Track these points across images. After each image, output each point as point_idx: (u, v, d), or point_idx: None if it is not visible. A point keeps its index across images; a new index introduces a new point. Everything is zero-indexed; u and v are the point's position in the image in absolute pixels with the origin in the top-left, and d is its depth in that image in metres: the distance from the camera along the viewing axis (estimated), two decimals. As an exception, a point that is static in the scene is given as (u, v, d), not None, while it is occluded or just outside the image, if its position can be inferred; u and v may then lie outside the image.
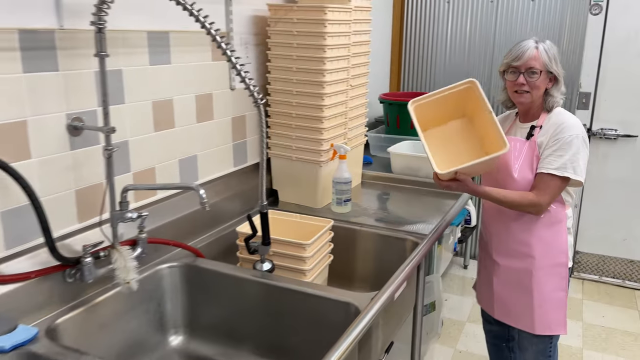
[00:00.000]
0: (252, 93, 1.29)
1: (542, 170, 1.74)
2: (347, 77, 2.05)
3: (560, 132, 1.73)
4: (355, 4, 2.02)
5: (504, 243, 1.88)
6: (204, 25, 1.22)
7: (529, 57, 1.74)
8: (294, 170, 2.04)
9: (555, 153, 1.72)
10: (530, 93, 1.76)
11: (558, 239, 1.82)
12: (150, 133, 1.55)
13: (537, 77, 1.74)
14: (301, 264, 1.59)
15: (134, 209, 1.52)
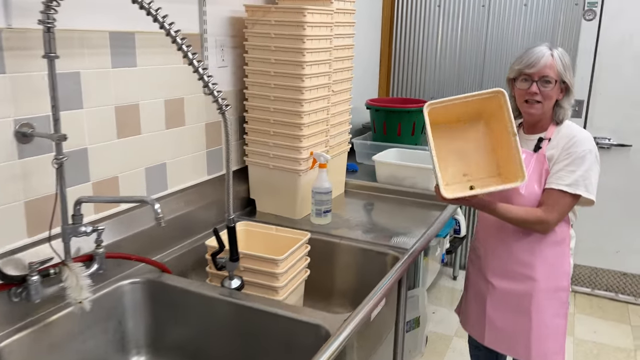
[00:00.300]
0: (215, 99, 1.20)
1: (552, 185, 1.62)
2: (328, 83, 1.96)
3: (572, 146, 1.62)
4: (337, 6, 1.94)
5: (503, 263, 1.75)
6: (162, 25, 1.13)
7: (544, 64, 1.62)
8: (272, 179, 1.95)
9: (567, 168, 1.61)
10: (542, 104, 1.64)
11: (561, 261, 1.71)
12: (113, 140, 1.46)
13: (551, 87, 1.63)
14: (273, 280, 1.50)
15: (94, 220, 1.43)
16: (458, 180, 1.63)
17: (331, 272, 1.83)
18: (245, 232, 1.72)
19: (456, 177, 1.63)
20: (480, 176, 1.63)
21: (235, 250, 1.40)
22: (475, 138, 1.65)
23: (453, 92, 3.35)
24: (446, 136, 1.62)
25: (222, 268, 1.44)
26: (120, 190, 1.51)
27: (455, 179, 1.63)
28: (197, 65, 1.16)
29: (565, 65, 1.64)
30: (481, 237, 1.86)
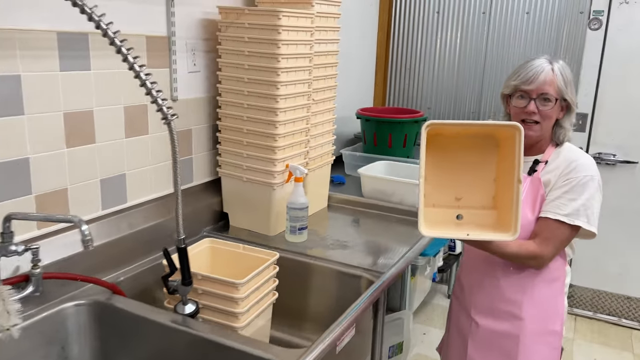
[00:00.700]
0: (160, 108, 1.08)
1: (549, 215, 1.45)
2: (308, 91, 1.84)
3: (573, 172, 1.45)
4: (319, 10, 1.82)
5: (489, 300, 1.58)
6: (98, 25, 1.01)
7: (544, 81, 1.44)
8: (246, 193, 1.83)
9: (565, 196, 1.44)
10: (540, 124, 1.47)
11: (554, 302, 1.54)
12: (61, 149, 1.34)
13: (551, 106, 1.45)
14: (233, 306, 1.37)
15: (43, 235, 1.32)
16: (448, 204, 1.42)
17: (304, 295, 1.70)
18: (210, 250, 1.60)
19: (447, 199, 1.42)
20: (472, 205, 1.40)
21: (187, 274, 1.28)
22: (478, 160, 1.42)
23: (451, 102, 3.22)
24: (447, 148, 1.41)
25: (174, 292, 1.32)
26: (70, 204, 1.40)
27: (445, 202, 1.42)
28: (138, 69, 1.04)
29: (566, 81, 1.47)
30: (466, 269, 1.68)
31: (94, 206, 1.47)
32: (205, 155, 1.86)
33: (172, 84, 1.65)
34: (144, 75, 1.05)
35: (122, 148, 1.52)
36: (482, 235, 1.32)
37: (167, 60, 1.62)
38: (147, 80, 1.05)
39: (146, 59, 1.55)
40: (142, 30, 1.52)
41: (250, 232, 1.86)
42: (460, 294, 1.68)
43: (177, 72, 1.66)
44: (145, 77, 1.05)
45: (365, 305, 1.42)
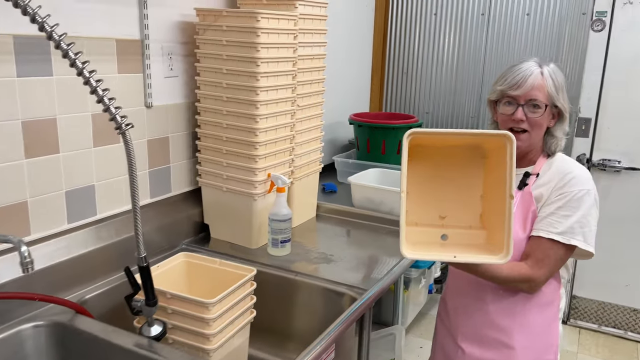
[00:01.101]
0: (113, 116, 0.99)
1: (541, 233, 1.32)
2: (292, 96, 1.75)
3: (567, 185, 1.33)
4: (303, 11, 1.73)
5: (476, 326, 1.45)
6: (42, 27, 0.93)
7: (532, 85, 1.33)
8: (226, 203, 1.74)
9: (559, 212, 1.32)
10: (529, 133, 1.36)
11: (548, 329, 1.41)
12: (19, 160, 1.26)
13: (541, 113, 1.34)
14: (204, 327, 1.28)
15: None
16: (431, 222, 1.30)
17: (286, 312, 1.61)
18: (185, 265, 1.51)
19: (430, 217, 1.30)
20: (458, 224, 1.29)
21: (151, 294, 1.19)
22: (464, 174, 1.30)
23: (450, 107, 3.12)
24: (431, 160, 1.29)
25: (138, 313, 1.23)
26: (30, 217, 1.31)
27: (428, 220, 1.30)
28: (87, 75, 0.96)
29: (557, 86, 1.35)
30: (451, 291, 1.55)
31: (59, 219, 1.38)
32: (184, 164, 1.77)
33: (146, 89, 1.57)
34: (95, 81, 0.96)
35: (90, 158, 1.44)
36: (470, 258, 1.19)
37: (140, 65, 1.54)
38: (97, 87, 0.96)
39: (116, 63, 1.47)
40: (111, 33, 1.44)
41: (232, 244, 1.78)
42: (446, 318, 1.56)
43: (152, 77, 1.58)
44: (96, 83, 0.96)
45: (346, 325, 1.34)
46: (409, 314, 2.33)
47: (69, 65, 0.97)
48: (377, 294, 1.46)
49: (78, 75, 0.97)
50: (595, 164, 2.82)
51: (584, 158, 2.82)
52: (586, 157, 2.82)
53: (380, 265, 1.65)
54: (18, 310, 1.26)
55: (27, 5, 0.91)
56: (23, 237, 1.30)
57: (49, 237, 1.36)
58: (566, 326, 3.03)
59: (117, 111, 0.99)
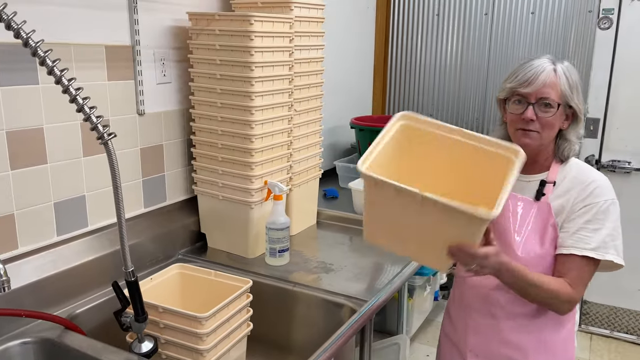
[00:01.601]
0: (94, 126, 0.95)
1: (573, 251, 1.22)
2: (288, 101, 1.70)
3: (591, 196, 1.24)
4: (299, 14, 1.68)
5: (486, 343, 1.36)
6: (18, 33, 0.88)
7: (544, 82, 1.23)
8: (222, 212, 1.69)
9: (588, 226, 1.22)
10: (539, 133, 1.26)
11: (565, 347, 1.32)
12: (4, 171, 1.22)
13: (553, 113, 1.24)
14: (197, 342, 1.23)
15: None
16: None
17: (284, 324, 1.56)
18: (180, 277, 1.47)
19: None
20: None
21: (140, 309, 1.15)
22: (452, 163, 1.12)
23: (454, 108, 3.06)
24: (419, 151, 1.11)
25: (128, 329, 1.18)
26: (17, 230, 1.27)
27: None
28: (66, 84, 0.92)
29: (572, 85, 1.25)
30: (459, 305, 1.45)
31: (48, 232, 1.34)
32: (179, 172, 1.73)
33: (138, 96, 1.53)
34: (74, 89, 0.92)
35: (80, 168, 1.40)
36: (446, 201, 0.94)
37: (131, 72, 1.50)
38: (77, 95, 0.92)
39: (106, 70, 1.43)
40: (100, 39, 1.40)
41: (229, 254, 1.73)
42: (453, 333, 1.47)
43: (144, 83, 1.54)
44: (75, 91, 0.92)
45: (346, 338, 1.29)
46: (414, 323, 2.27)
47: (47, 73, 0.92)
48: (377, 305, 1.41)
49: (56, 83, 0.93)
50: (605, 165, 2.74)
51: (592, 159, 2.74)
52: (595, 158, 2.75)
53: (382, 274, 1.59)
54: (5, 327, 1.22)
55: (1, 11, 0.87)
56: (10, 251, 1.27)
57: (38, 250, 1.32)
58: (577, 332, 2.94)
59: (99, 120, 0.95)
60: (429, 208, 0.96)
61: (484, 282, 1.33)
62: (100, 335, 1.33)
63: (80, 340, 1.22)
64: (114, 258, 1.47)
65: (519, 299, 1.26)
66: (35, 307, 1.27)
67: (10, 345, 1.20)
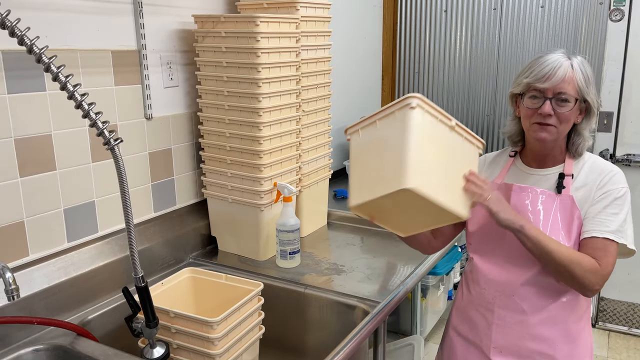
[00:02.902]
0: (100, 131, 0.94)
1: (595, 234, 1.23)
2: (296, 102, 1.69)
3: (610, 183, 1.26)
4: (305, 14, 1.67)
5: (514, 339, 1.32)
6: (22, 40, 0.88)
7: (562, 78, 1.22)
8: (232, 215, 1.69)
9: (607, 210, 1.24)
10: (557, 128, 1.25)
11: (584, 335, 1.33)
12: (14, 179, 1.22)
13: (570, 107, 1.23)
14: (209, 346, 1.23)
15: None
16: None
17: (296, 327, 1.54)
18: (191, 281, 1.47)
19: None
20: None
21: (151, 315, 1.14)
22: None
23: (464, 105, 3.03)
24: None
25: (139, 334, 1.18)
26: (28, 237, 1.27)
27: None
28: (71, 89, 0.91)
29: (587, 79, 1.25)
30: (478, 302, 1.38)
31: (58, 238, 1.34)
32: (189, 176, 1.73)
33: (146, 100, 1.53)
34: (79, 95, 0.91)
35: (89, 173, 1.40)
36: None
37: (138, 76, 1.50)
38: (83, 101, 0.91)
39: (113, 75, 1.42)
40: (106, 44, 1.40)
41: (240, 257, 1.72)
42: (468, 331, 1.42)
43: (151, 87, 1.54)
44: (80, 97, 0.91)
45: (359, 340, 1.27)
46: (428, 323, 2.25)
47: (52, 79, 0.92)
48: (391, 306, 1.39)
49: (62, 89, 0.92)
50: (620, 159, 2.70)
51: (607, 154, 2.70)
52: (609, 152, 2.71)
53: (394, 275, 1.58)
54: (17, 334, 1.22)
55: (5, 18, 0.87)
56: (21, 258, 1.27)
57: (49, 257, 1.32)
58: (595, 329, 2.90)
59: (105, 125, 0.94)
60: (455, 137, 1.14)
61: (511, 279, 1.31)
62: (113, 341, 1.33)
63: (92, 346, 1.22)
64: (125, 263, 1.47)
65: (547, 291, 1.27)
66: (47, 314, 1.27)
67: (22, 353, 1.20)
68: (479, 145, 1.22)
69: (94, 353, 1.19)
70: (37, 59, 0.90)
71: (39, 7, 1.23)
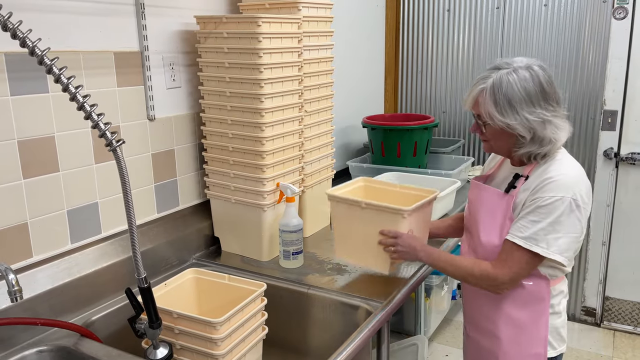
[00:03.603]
0: (102, 133, 0.94)
1: (507, 237, 1.28)
2: (298, 102, 1.69)
3: (540, 191, 1.25)
4: (307, 14, 1.67)
5: (472, 312, 1.49)
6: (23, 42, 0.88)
7: (471, 102, 1.30)
8: (235, 215, 1.69)
9: (527, 217, 1.26)
10: (489, 143, 1.34)
11: (535, 324, 1.35)
12: (17, 180, 1.23)
13: (488, 129, 1.29)
14: (212, 347, 1.23)
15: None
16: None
17: (300, 328, 1.54)
18: (194, 282, 1.46)
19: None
20: None
21: (154, 316, 1.14)
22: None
23: (467, 105, 3.02)
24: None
25: (142, 335, 1.18)
26: (31, 239, 1.28)
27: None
28: (73, 91, 0.91)
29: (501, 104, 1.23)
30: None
31: (61, 240, 1.35)
32: (191, 177, 1.73)
33: (148, 102, 1.53)
34: (82, 97, 0.92)
35: (92, 175, 1.40)
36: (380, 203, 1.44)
37: (140, 77, 1.50)
38: (85, 103, 0.92)
39: (115, 76, 1.43)
40: (109, 46, 1.40)
41: (243, 257, 1.72)
42: (463, 305, 1.59)
43: (153, 89, 1.54)
44: (82, 99, 0.92)
45: (362, 340, 1.27)
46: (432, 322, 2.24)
47: (54, 81, 0.92)
48: (393, 306, 1.39)
49: (63, 91, 0.92)
50: (624, 158, 2.69)
51: (611, 152, 2.69)
52: (614, 151, 2.69)
53: (397, 275, 1.57)
54: (21, 336, 1.22)
55: (7, 20, 0.87)
56: (25, 259, 1.27)
57: (52, 259, 1.32)
58: (600, 329, 2.89)
59: (107, 127, 0.94)
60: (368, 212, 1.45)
61: None
62: (116, 342, 1.33)
63: (96, 347, 1.23)
64: (129, 264, 1.47)
65: None
66: (50, 315, 1.27)
67: (26, 354, 1.20)
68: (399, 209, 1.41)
69: (97, 354, 1.20)
70: (39, 61, 0.90)
71: (41, 9, 1.23)
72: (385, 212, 1.42)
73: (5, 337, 1.19)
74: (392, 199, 1.58)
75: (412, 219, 1.43)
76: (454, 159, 2.53)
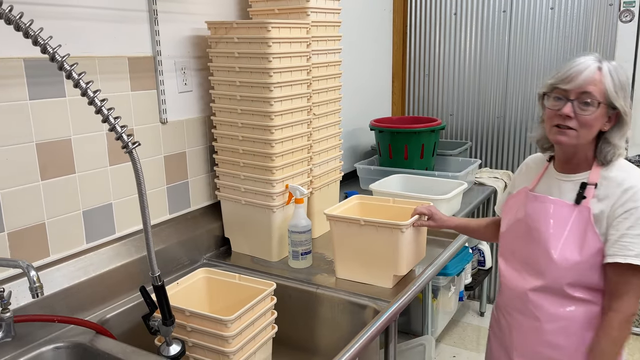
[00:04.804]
0: (119, 135, 0.98)
1: (617, 259, 1.17)
2: (307, 105, 1.72)
3: (630, 201, 1.18)
4: (315, 19, 1.70)
5: (530, 344, 1.33)
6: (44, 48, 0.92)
7: (586, 80, 1.18)
8: (245, 216, 1.72)
9: (630, 232, 1.17)
10: (577, 132, 1.20)
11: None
12: (35, 182, 1.27)
13: (592, 111, 1.18)
14: (224, 344, 1.26)
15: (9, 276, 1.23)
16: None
17: (309, 326, 1.57)
18: (206, 281, 1.50)
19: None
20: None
21: (167, 313, 1.17)
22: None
23: (474, 107, 3.04)
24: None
25: (156, 332, 1.21)
26: (49, 239, 1.32)
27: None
28: (92, 95, 0.95)
29: (617, 85, 1.19)
30: (504, 305, 1.41)
31: (77, 240, 1.38)
32: (202, 178, 1.76)
33: (161, 105, 1.57)
34: (99, 101, 0.95)
35: (107, 176, 1.44)
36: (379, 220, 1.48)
37: (153, 81, 1.54)
38: (102, 107, 0.95)
39: (129, 81, 1.47)
40: (123, 51, 1.44)
41: (253, 258, 1.75)
42: (499, 332, 1.45)
43: (166, 92, 1.58)
44: (100, 103, 0.95)
45: (369, 338, 1.29)
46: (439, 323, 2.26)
47: (73, 86, 0.96)
48: (401, 306, 1.41)
49: (82, 95, 0.96)
50: (632, 160, 2.69)
51: (618, 154, 2.70)
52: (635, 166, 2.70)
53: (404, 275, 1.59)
54: (38, 332, 1.26)
55: (28, 27, 0.91)
56: (42, 258, 1.31)
57: (68, 258, 1.36)
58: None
59: (123, 130, 0.98)
60: (367, 228, 1.50)
61: (520, 284, 1.32)
62: (131, 339, 1.36)
63: (111, 344, 1.26)
64: (141, 264, 1.51)
65: (559, 301, 1.26)
66: (67, 313, 1.31)
67: (44, 350, 1.24)
68: (397, 224, 1.45)
69: (112, 350, 1.23)
70: (59, 67, 0.94)
71: (59, 17, 1.27)
72: (384, 228, 1.46)
73: (24, 334, 1.23)
74: (388, 213, 1.62)
75: (410, 232, 1.49)
76: (460, 161, 2.55)
